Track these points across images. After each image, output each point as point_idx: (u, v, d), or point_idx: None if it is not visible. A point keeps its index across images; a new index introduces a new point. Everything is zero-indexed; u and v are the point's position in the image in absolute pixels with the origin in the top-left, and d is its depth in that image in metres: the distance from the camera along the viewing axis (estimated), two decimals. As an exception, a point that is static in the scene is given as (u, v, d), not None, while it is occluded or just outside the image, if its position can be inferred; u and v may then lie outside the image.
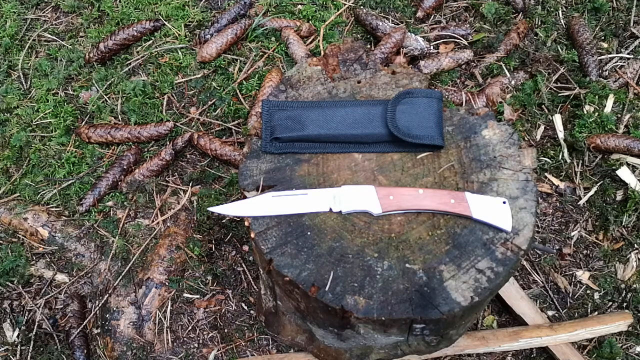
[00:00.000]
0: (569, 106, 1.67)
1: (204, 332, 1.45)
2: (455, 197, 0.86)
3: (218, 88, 1.70)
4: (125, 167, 1.58)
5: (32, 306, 1.49)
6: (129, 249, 1.52)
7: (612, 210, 1.52)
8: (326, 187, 0.95)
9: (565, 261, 1.51)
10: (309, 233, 0.91)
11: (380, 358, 1.13)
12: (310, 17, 1.81)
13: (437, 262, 0.87)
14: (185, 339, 1.45)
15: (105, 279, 1.51)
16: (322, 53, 1.69)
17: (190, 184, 1.59)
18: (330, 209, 0.92)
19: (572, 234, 1.53)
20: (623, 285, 1.48)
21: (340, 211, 0.92)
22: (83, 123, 1.69)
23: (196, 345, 1.44)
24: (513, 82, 1.70)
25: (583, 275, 1.50)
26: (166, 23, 1.79)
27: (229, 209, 0.94)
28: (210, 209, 0.97)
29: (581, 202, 1.55)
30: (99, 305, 1.48)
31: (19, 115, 1.70)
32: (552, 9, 1.83)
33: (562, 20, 1.81)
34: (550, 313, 1.46)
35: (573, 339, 1.35)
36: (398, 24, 1.78)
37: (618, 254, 1.51)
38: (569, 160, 1.60)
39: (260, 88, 1.65)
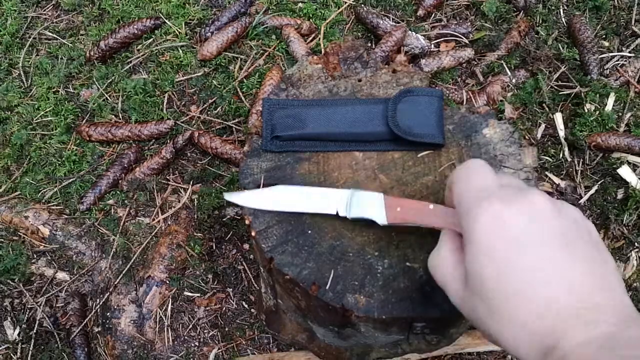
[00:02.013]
0: (569, 105, 1.67)
1: (205, 331, 1.45)
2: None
3: (219, 86, 1.70)
4: (125, 165, 1.58)
5: (32, 304, 1.49)
6: (129, 247, 1.52)
7: (612, 209, 1.52)
8: (327, 186, 0.94)
9: (566, 260, 1.51)
10: (309, 231, 0.91)
11: (381, 356, 1.13)
12: (310, 15, 1.80)
13: (437, 261, 0.87)
14: (185, 337, 1.45)
15: (106, 277, 1.51)
16: (323, 51, 1.69)
17: (191, 183, 1.59)
18: (337, 213, 0.89)
19: (573, 232, 1.53)
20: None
21: (346, 217, 0.89)
22: (84, 121, 1.69)
23: (197, 343, 1.44)
24: (514, 81, 1.70)
25: (584, 274, 1.50)
26: (167, 21, 1.79)
27: (243, 199, 0.92)
28: (226, 196, 0.95)
29: (582, 201, 1.55)
30: (100, 303, 1.48)
31: (19, 113, 1.70)
32: (553, 8, 1.83)
33: (563, 19, 1.81)
34: (550, 312, 1.46)
35: (573, 338, 1.35)
36: (399, 22, 1.77)
37: (618, 252, 1.51)
38: (569, 159, 1.59)
39: (260, 86, 1.65)
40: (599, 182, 1.56)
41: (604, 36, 1.78)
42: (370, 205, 0.86)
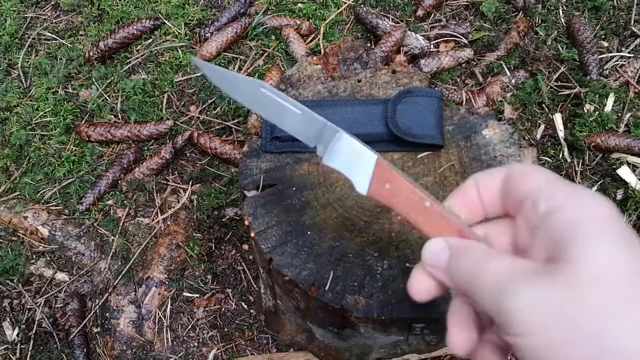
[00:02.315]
0: (569, 105, 1.67)
1: (204, 331, 1.45)
2: (461, 234, 0.61)
3: (218, 86, 1.70)
4: (125, 165, 1.58)
5: (32, 305, 1.49)
6: (129, 248, 1.52)
7: (612, 210, 1.51)
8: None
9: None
10: (309, 232, 0.91)
11: (380, 357, 1.13)
12: (310, 16, 1.80)
13: (437, 262, 0.87)
14: (185, 337, 1.45)
15: (105, 278, 1.51)
16: (323, 52, 1.68)
17: (190, 183, 1.59)
18: (316, 147, 0.73)
19: (572, 233, 1.53)
20: (623, 285, 1.48)
21: (323, 159, 0.72)
22: (83, 121, 1.68)
23: (196, 344, 1.44)
24: (513, 81, 1.70)
25: (583, 275, 1.49)
26: (166, 21, 1.78)
27: (212, 71, 0.78)
28: (194, 60, 0.80)
29: (581, 201, 1.55)
30: (99, 304, 1.48)
31: (18, 113, 1.69)
32: (552, 8, 1.83)
33: (562, 19, 1.81)
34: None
35: (573, 338, 1.35)
36: (398, 23, 1.77)
37: (618, 253, 1.51)
38: (569, 160, 1.59)
39: (260, 87, 1.65)
40: (599, 183, 1.56)
41: (603, 36, 1.78)
42: (357, 163, 0.69)
